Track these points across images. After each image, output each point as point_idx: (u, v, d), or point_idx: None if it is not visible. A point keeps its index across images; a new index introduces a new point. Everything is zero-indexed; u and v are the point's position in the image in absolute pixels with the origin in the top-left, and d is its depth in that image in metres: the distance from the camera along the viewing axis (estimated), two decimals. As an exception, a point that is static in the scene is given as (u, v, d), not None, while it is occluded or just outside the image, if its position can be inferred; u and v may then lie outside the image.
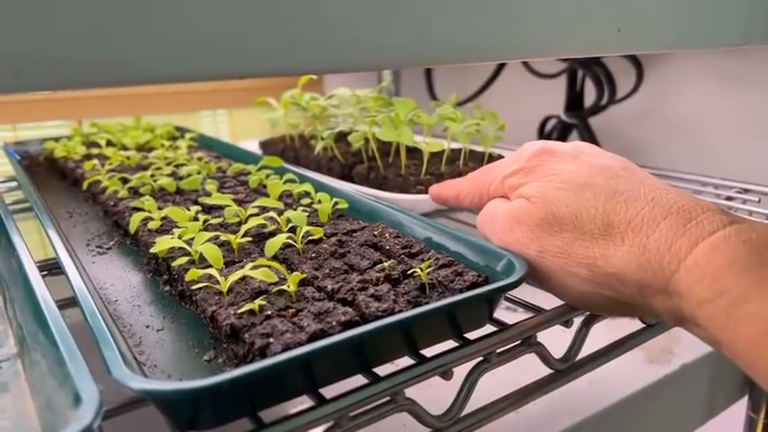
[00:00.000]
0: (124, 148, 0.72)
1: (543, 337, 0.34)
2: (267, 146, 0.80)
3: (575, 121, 0.83)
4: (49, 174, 0.70)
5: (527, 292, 0.36)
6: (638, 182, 0.33)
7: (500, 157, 0.65)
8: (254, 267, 0.33)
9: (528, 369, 0.35)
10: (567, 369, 0.35)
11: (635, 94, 0.79)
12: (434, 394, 0.32)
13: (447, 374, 0.30)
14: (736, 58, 0.70)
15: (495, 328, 0.33)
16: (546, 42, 0.35)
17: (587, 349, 0.37)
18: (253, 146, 0.82)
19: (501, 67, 0.94)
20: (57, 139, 0.75)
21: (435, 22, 0.30)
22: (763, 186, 0.60)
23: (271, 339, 0.28)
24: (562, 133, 0.85)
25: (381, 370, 0.29)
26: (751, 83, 0.70)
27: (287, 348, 0.27)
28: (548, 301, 0.36)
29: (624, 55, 0.78)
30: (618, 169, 0.35)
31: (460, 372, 0.32)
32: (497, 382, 0.35)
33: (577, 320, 0.36)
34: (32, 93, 0.22)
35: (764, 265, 0.26)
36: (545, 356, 0.34)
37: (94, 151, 0.69)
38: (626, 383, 0.50)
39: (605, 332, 0.39)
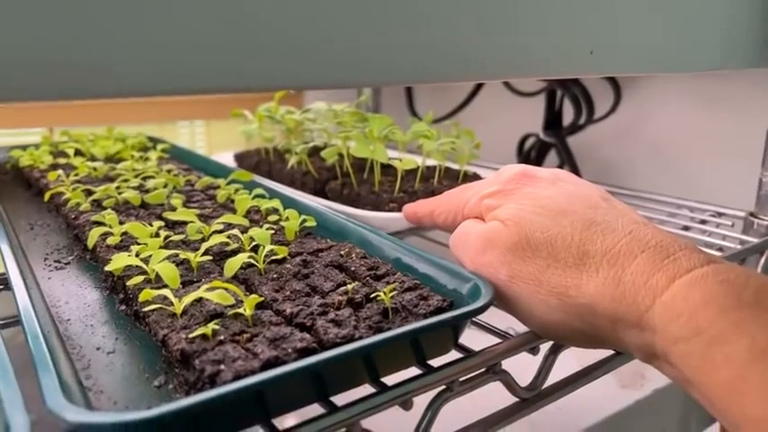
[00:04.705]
0: (93, 158, 0.70)
1: (510, 362, 0.33)
2: (242, 159, 0.79)
3: (553, 140, 0.83)
4: (14, 183, 0.68)
5: (494, 313, 0.35)
6: (617, 214, 0.33)
7: (475, 174, 0.65)
8: (211, 289, 0.32)
9: (495, 390, 0.34)
10: (533, 397, 0.34)
11: (613, 114, 0.79)
12: (394, 423, 0.31)
13: (407, 404, 0.29)
14: (715, 81, 0.71)
15: (459, 354, 0.32)
16: (518, 63, 0.35)
17: (558, 373, 0.36)
18: (229, 158, 0.81)
19: (480, 84, 0.93)
20: (24, 148, 0.74)
21: (411, 43, 0.29)
22: (737, 210, 0.60)
23: (222, 366, 0.26)
24: (540, 152, 0.85)
25: (342, 397, 0.28)
26: (729, 105, 0.70)
27: (238, 377, 0.26)
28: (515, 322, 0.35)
29: (602, 76, 0.78)
30: (597, 199, 0.34)
31: (422, 399, 0.30)
32: (459, 403, 0.34)
33: (544, 347, 0.35)
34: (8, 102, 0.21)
35: (742, 306, 0.25)
36: (510, 385, 0.33)
37: (62, 161, 0.67)
38: (597, 409, 0.49)
39: (577, 357, 0.38)
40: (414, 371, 0.31)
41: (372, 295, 0.33)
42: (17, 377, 0.26)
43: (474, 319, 0.33)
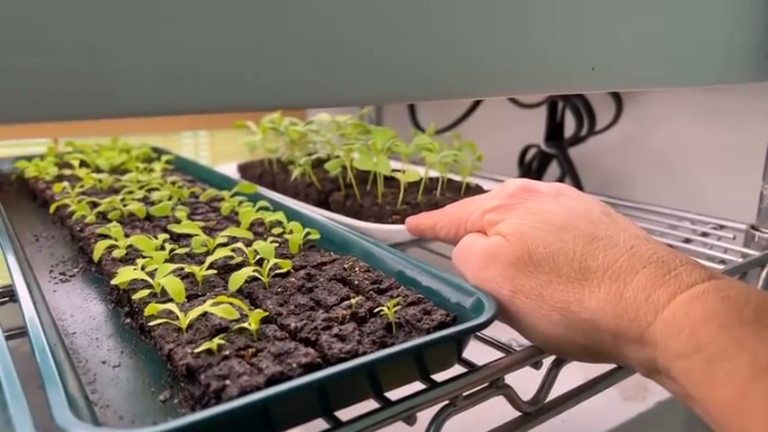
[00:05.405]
0: (98, 169, 0.71)
1: (513, 374, 0.33)
2: (245, 169, 0.79)
3: (554, 152, 0.83)
4: (19, 194, 0.69)
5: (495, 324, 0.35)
6: (619, 229, 0.33)
7: (478, 186, 0.65)
8: (216, 303, 0.32)
9: (498, 404, 0.34)
10: (536, 412, 0.34)
11: (614, 126, 0.79)
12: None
13: (411, 419, 0.29)
14: (716, 94, 0.71)
15: (463, 369, 0.32)
16: (520, 81, 0.35)
17: (561, 386, 0.36)
18: (232, 169, 0.81)
19: (483, 95, 0.94)
20: (30, 158, 0.74)
21: (415, 62, 0.30)
22: (738, 223, 0.60)
23: (227, 382, 0.27)
24: (542, 163, 0.86)
25: (346, 412, 0.28)
26: (730, 118, 0.70)
27: (243, 392, 0.26)
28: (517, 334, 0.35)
29: (603, 92, 0.78)
30: (598, 214, 0.34)
31: (426, 413, 0.31)
32: (462, 418, 0.34)
33: (547, 361, 0.36)
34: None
35: (743, 323, 0.25)
36: (513, 399, 0.33)
37: (67, 172, 0.68)
38: (600, 421, 0.49)
39: (581, 371, 0.38)
40: (417, 385, 0.31)
41: (376, 310, 0.34)
42: (22, 387, 0.26)
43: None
